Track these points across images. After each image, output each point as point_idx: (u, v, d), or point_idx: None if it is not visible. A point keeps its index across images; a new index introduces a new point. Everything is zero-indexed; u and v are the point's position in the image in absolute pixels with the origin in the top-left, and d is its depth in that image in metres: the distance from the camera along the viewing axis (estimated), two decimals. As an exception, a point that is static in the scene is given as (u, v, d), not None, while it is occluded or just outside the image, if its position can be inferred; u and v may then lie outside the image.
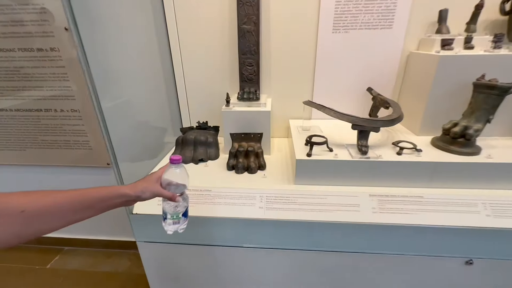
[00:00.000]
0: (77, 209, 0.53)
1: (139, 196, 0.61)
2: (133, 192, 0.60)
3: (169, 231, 0.68)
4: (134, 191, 0.60)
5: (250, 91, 1.26)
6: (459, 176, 0.95)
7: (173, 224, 0.68)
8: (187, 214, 0.70)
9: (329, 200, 0.95)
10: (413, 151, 1.00)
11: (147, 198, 0.63)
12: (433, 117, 1.10)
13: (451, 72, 1.02)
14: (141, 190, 0.61)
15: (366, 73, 1.29)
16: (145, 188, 0.62)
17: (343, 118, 0.99)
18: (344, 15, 1.18)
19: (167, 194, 0.65)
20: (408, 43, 1.22)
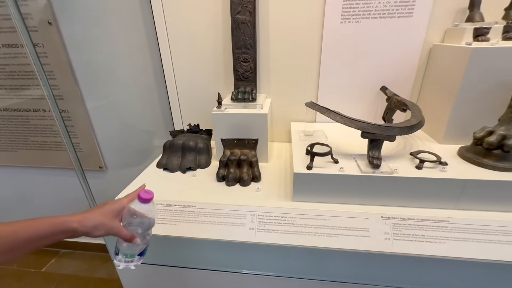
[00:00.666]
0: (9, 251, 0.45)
1: (89, 232, 0.51)
2: (83, 227, 0.50)
3: (118, 266, 0.56)
4: (83, 226, 0.50)
5: (246, 90, 1.11)
6: (495, 197, 0.78)
7: (124, 262, 0.56)
8: (144, 253, 0.58)
9: (333, 222, 0.80)
10: (436, 165, 0.83)
11: (99, 236, 0.52)
12: (461, 122, 0.92)
13: (485, 68, 0.84)
14: (93, 225, 0.51)
15: (380, 70, 1.12)
16: (99, 224, 0.52)
17: (351, 124, 0.83)
18: (355, 2, 1.01)
19: (125, 235, 0.54)
20: (431, 34, 1.03)
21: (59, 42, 1.32)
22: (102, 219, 0.52)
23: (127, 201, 0.57)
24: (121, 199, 0.57)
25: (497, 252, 0.71)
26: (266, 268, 0.84)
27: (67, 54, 1.35)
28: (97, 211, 0.54)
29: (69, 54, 1.35)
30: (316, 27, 1.08)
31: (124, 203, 0.57)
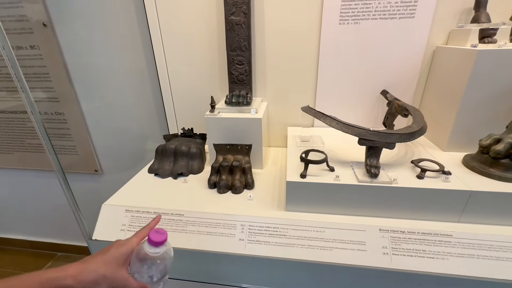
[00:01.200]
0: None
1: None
2: (79, 283, 0.41)
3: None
4: (80, 282, 0.41)
5: (240, 94, 1.07)
6: (502, 209, 0.72)
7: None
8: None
9: (327, 234, 0.75)
10: (439, 174, 0.78)
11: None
12: (466, 129, 0.87)
13: (492, 71, 0.79)
14: (93, 279, 0.42)
15: (381, 73, 1.07)
16: (101, 278, 0.43)
17: (347, 131, 0.78)
18: (354, 2, 0.97)
19: (134, 287, 0.45)
20: (434, 35, 0.99)
21: (54, 44, 1.30)
22: (105, 271, 0.43)
23: (136, 241, 0.48)
24: (130, 240, 0.48)
25: (504, 271, 0.66)
26: (257, 281, 0.80)
27: (62, 56, 1.34)
28: (99, 259, 0.44)
29: (65, 56, 1.34)
30: (314, 29, 1.04)
31: (133, 244, 0.48)
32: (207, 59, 1.15)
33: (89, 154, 1.58)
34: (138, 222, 0.84)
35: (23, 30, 1.32)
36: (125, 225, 0.84)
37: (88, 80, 1.38)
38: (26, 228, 2.00)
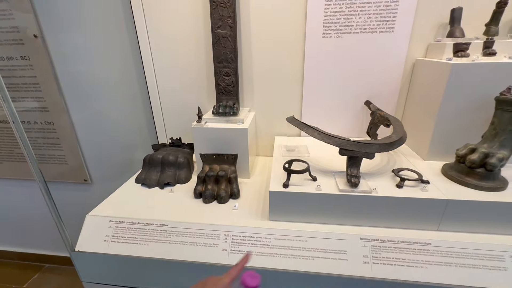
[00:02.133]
0: None
1: None
2: None
3: None
4: None
5: (227, 104, 1.09)
6: (479, 218, 0.74)
7: None
8: None
9: (309, 243, 0.76)
10: (417, 183, 0.80)
11: None
12: (445, 138, 0.90)
13: (466, 84, 0.82)
14: None
15: (364, 84, 1.10)
16: None
17: (329, 141, 0.80)
18: (336, 17, 1.01)
19: None
20: (413, 48, 1.03)
21: (45, 55, 1.32)
22: None
23: (229, 281, 0.49)
24: (223, 279, 0.49)
25: (482, 278, 0.67)
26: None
27: (53, 66, 1.35)
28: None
29: (55, 66, 1.35)
30: (298, 42, 1.07)
31: (226, 285, 0.49)
32: (195, 71, 1.17)
33: (78, 164, 1.58)
34: (122, 233, 0.84)
35: (14, 41, 1.34)
36: (108, 236, 0.84)
37: (79, 90, 1.39)
38: (13, 239, 1.97)
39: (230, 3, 0.98)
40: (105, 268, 0.84)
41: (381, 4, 0.97)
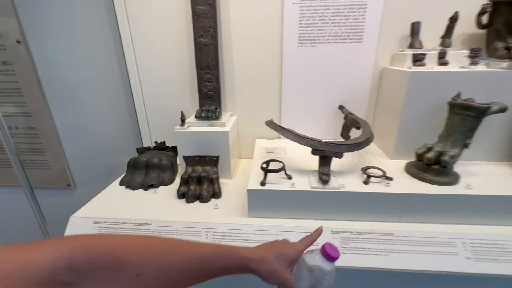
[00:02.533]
0: (194, 277, 0.42)
1: (263, 276, 0.45)
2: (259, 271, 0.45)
3: None
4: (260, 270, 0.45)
5: (210, 109, 1.15)
6: (434, 209, 0.83)
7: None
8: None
9: (285, 237, 0.82)
10: (382, 179, 0.88)
11: (269, 283, 0.46)
12: (407, 139, 0.99)
13: (423, 90, 0.92)
14: (270, 270, 0.45)
15: (338, 90, 1.19)
16: (274, 272, 0.45)
17: (302, 142, 0.87)
18: (310, 28, 1.09)
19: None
20: (380, 57, 1.12)
21: (28, 60, 1.33)
22: (277, 266, 0.46)
23: (303, 248, 0.50)
24: (298, 245, 0.51)
25: (438, 263, 0.75)
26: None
27: (36, 71, 1.36)
28: (273, 253, 0.47)
29: (39, 71, 1.36)
30: (276, 51, 1.15)
31: (300, 250, 0.50)
32: (178, 77, 1.22)
33: (61, 169, 1.58)
34: (106, 233, 0.87)
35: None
36: (92, 236, 0.86)
37: (63, 95, 1.40)
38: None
39: (211, 14, 1.04)
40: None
41: (350, 17, 1.07)
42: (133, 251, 0.36)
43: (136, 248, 0.37)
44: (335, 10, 1.06)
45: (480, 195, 0.80)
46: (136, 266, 0.35)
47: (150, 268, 0.36)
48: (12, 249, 0.28)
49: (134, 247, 0.37)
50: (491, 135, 0.94)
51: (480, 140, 0.91)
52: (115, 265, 0.34)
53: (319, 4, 1.05)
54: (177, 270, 0.40)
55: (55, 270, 0.29)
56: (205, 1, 1.03)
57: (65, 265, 0.30)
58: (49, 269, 0.28)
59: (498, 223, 0.81)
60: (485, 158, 0.98)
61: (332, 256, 0.46)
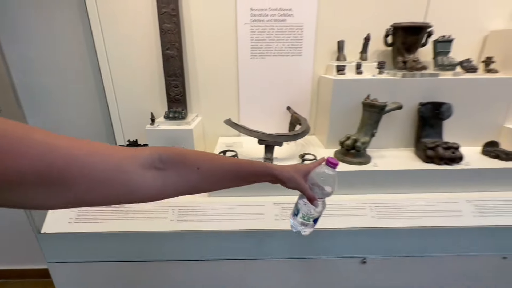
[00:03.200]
0: (234, 178, 0.55)
1: (285, 182, 0.59)
2: (282, 176, 0.58)
3: (293, 228, 0.68)
4: (282, 176, 0.58)
5: (177, 110, 1.33)
6: (351, 183, 1.08)
7: (300, 225, 0.67)
8: (317, 221, 0.68)
9: (237, 210, 1.03)
10: (314, 162, 1.12)
11: (290, 187, 0.61)
12: (336, 132, 1.24)
13: (344, 93, 1.19)
14: (289, 176, 0.59)
15: (286, 94, 1.43)
16: (293, 178, 0.59)
17: (251, 134, 1.09)
18: (259, 44, 1.33)
19: (309, 194, 0.61)
20: (317, 68, 1.39)
21: (1, 65, 1.42)
22: (295, 174, 0.59)
23: (312, 166, 0.64)
24: (308, 165, 0.64)
25: (352, 222, 1.00)
26: (187, 255, 1.02)
27: (10, 76, 1.45)
28: (290, 168, 0.61)
29: (13, 76, 1.46)
30: (233, 62, 1.37)
31: (310, 167, 0.63)
32: (149, 82, 1.40)
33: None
34: (84, 215, 1.01)
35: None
36: (72, 218, 1.01)
37: (37, 98, 1.50)
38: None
39: (176, 31, 1.25)
40: (70, 246, 1.00)
41: (291, 35, 1.32)
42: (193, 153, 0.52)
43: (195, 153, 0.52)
44: (279, 29, 1.31)
45: (383, 170, 1.08)
46: (196, 162, 0.50)
47: (206, 164, 0.50)
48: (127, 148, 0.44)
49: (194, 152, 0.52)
50: (394, 128, 1.23)
51: (386, 132, 1.20)
52: (185, 160, 0.49)
53: (266, 25, 1.30)
54: (224, 169, 0.53)
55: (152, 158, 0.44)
56: (170, 20, 1.23)
57: (158, 157, 0.45)
58: (150, 158, 0.44)
59: (395, 191, 1.08)
60: (391, 145, 1.27)
61: (333, 163, 0.60)
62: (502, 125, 1.26)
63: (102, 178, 0.37)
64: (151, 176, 0.43)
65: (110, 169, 0.38)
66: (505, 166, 1.10)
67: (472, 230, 1.00)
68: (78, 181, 0.35)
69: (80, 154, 0.36)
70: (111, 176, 0.38)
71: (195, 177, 0.49)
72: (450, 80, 1.20)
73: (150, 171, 0.43)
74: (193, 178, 0.49)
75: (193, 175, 0.49)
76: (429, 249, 1.02)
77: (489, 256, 1.04)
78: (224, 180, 0.54)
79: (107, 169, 0.38)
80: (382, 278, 1.07)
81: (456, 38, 1.27)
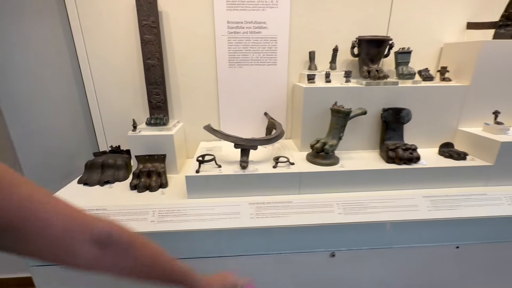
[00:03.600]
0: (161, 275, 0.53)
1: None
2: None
3: None
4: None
5: (158, 117, 1.39)
6: (320, 182, 1.17)
7: None
8: None
9: (216, 210, 1.09)
10: (287, 164, 1.21)
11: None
12: (308, 136, 1.34)
13: (314, 100, 1.29)
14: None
15: (263, 100, 1.52)
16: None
17: (228, 139, 1.17)
18: (237, 54, 1.42)
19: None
20: (292, 76, 1.49)
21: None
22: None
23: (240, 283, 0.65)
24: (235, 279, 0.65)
25: (321, 219, 1.08)
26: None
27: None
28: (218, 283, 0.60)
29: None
30: (212, 71, 1.45)
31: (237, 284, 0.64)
32: (131, 90, 1.45)
33: (16, 177, 1.65)
34: (67, 219, 1.05)
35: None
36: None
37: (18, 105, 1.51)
38: None
39: (156, 41, 1.31)
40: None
41: (266, 46, 1.42)
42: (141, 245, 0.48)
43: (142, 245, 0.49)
44: (255, 41, 1.40)
45: (349, 170, 1.18)
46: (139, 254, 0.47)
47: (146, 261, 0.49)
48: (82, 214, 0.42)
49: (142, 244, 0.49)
50: (360, 131, 1.35)
51: (354, 135, 1.31)
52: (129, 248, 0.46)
53: (242, 36, 1.39)
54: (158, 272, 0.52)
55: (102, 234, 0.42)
56: (151, 31, 1.30)
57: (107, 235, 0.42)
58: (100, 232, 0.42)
59: (360, 189, 1.19)
60: (358, 147, 1.38)
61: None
62: (456, 128, 1.40)
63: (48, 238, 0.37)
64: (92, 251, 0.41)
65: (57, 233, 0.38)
66: (457, 165, 1.23)
67: (428, 223, 1.11)
68: (22, 232, 0.35)
69: (38, 209, 0.36)
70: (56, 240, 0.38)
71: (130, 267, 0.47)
72: (409, 87, 1.33)
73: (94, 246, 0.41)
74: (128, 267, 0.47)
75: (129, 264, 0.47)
76: (391, 241, 1.13)
77: (444, 246, 1.15)
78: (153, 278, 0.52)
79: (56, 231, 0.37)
80: (350, 269, 1.16)
81: (415, 49, 1.41)
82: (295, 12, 1.38)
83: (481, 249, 1.18)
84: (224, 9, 1.34)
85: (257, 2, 1.34)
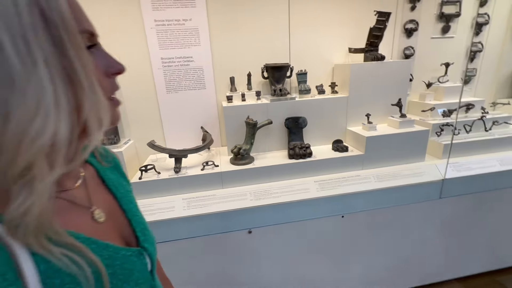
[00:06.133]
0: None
1: None
2: None
3: None
4: None
5: (109, 137, 1.70)
6: (238, 178, 1.54)
7: None
8: None
9: (154, 206, 1.42)
10: (212, 167, 1.57)
11: None
12: (232, 143, 1.71)
13: (232, 115, 1.67)
14: None
15: (199, 117, 1.88)
16: None
17: (164, 152, 1.51)
18: (172, 82, 1.77)
19: None
20: (220, 96, 1.87)
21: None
22: None
23: None
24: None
25: (237, 205, 1.45)
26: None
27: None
28: None
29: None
30: (153, 96, 1.79)
31: None
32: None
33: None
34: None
35: None
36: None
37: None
38: None
39: (102, 77, 1.63)
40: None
41: (195, 74, 1.79)
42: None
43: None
44: (185, 71, 1.77)
45: (259, 167, 1.56)
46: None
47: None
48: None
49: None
50: (273, 136, 1.74)
51: (268, 139, 1.70)
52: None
53: (175, 68, 1.75)
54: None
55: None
56: (98, 70, 1.62)
57: None
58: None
59: (267, 180, 1.57)
60: (273, 149, 1.78)
61: None
62: (346, 128, 1.84)
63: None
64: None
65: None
66: (340, 156, 1.66)
67: (317, 200, 1.51)
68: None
69: None
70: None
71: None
72: (307, 100, 1.75)
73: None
74: None
75: None
76: (292, 217, 1.51)
77: (332, 216, 1.56)
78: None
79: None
80: (264, 242, 1.53)
81: (314, 70, 1.85)
82: (214, 47, 1.77)
83: (361, 216, 1.60)
84: (157, 48, 1.70)
85: (183, 42, 1.71)
